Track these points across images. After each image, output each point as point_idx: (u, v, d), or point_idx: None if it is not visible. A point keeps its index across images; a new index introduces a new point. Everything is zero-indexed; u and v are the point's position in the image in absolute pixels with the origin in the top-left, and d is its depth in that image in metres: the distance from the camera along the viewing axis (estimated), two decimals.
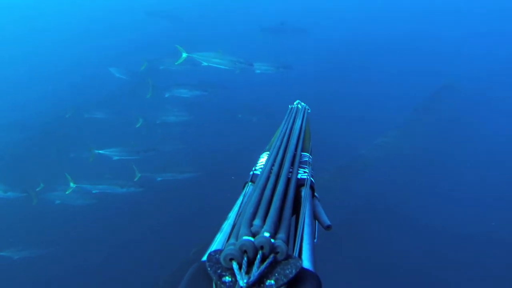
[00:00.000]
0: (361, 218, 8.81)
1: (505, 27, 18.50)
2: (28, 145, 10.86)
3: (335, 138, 9.90)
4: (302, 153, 1.67)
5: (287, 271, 0.82)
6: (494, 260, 8.57)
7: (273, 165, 1.41)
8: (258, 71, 10.18)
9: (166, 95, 10.35)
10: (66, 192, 8.01)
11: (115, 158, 8.90)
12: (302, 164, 1.55)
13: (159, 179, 8.81)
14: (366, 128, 10.99)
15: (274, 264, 0.85)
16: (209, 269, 0.85)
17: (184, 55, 8.66)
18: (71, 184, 7.96)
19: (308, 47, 15.28)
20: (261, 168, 1.49)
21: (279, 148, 1.59)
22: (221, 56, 8.92)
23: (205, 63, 8.81)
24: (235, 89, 11.53)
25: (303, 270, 0.85)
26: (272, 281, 0.81)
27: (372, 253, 8.23)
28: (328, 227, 1.32)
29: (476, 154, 11.28)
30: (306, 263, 0.92)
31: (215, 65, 8.90)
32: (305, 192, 1.33)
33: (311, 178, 1.45)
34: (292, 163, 1.48)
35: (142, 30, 17.37)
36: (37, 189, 8.48)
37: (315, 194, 1.45)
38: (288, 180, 1.32)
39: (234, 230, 0.99)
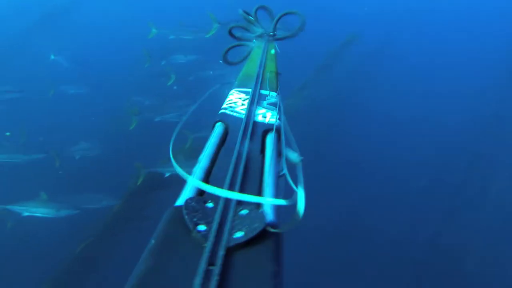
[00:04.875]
0: None
1: None
2: None
3: None
4: (271, 92, 1.63)
5: (255, 225, 0.85)
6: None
7: (241, 105, 1.40)
8: None
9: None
10: None
11: None
12: (270, 104, 1.51)
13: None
14: None
15: (243, 217, 0.89)
16: (186, 217, 0.87)
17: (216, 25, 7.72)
18: None
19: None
20: (230, 106, 1.46)
21: (246, 86, 1.56)
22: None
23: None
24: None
25: (272, 231, 0.87)
26: (243, 233, 0.83)
27: None
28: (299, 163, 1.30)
29: (381, 102, 11.66)
30: (270, 217, 0.91)
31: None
32: (269, 139, 1.29)
33: (279, 121, 1.40)
34: (258, 104, 1.46)
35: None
36: None
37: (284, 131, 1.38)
38: (256, 125, 1.30)
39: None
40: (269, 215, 0.91)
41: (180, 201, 0.99)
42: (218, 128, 1.35)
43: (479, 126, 11.11)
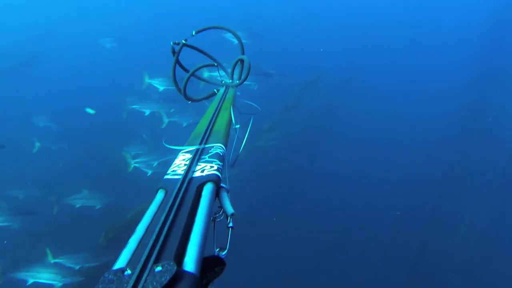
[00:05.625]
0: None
1: (362, 20, 19.74)
2: None
3: None
4: (215, 144, 1.63)
5: (163, 279, 0.88)
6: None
7: (183, 166, 1.41)
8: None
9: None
10: None
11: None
12: (211, 158, 1.52)
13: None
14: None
15: (156, 274, 0.91)
16: None
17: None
18: None
19: None
20: (173, 171, 1.47)
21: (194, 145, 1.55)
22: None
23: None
24: None
25: (180, 273, 0.91)
26: None
27: None
28: (232, 215, 1.36)
29: (350, 135, 12.01)
30: (190, 265, 0.97)
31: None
32: (205, 190, 1.33)
33: (217, 173, 1.43)
34: (199, 159, 1.47)
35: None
36: None
37: (222, 185, 1.43)
38: (192, 182, 1.34)
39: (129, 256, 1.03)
40: (189, 264, 0.97)
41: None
42: (159, 195, 1.36)
43: (446, 150, 11.40)
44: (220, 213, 1.38)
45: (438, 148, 11.42)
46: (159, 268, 0.93)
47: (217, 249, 1.24)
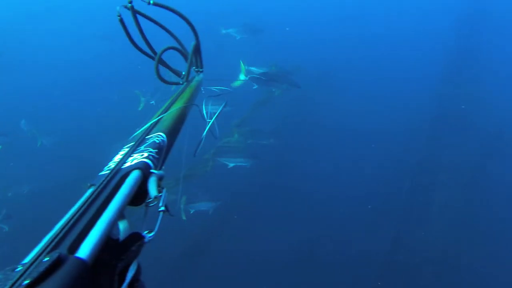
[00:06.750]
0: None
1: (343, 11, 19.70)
2: None
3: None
4: (155, 133, 1.56)
5: (41, 268, 0.85)
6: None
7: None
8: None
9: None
10: None
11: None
12: (147, 147, 1.45)
13: (231, 165, 8.14)
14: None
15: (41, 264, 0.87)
16: None
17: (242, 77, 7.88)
18: None
19: None
20: (108, 166, 1.38)
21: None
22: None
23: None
24: None
25: (64, 259, 0.88)
26: (28, 280, 0.82)
27: None
28: (155, 198, 1.29)
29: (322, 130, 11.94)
30: (82, 251, 0.94)
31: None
32: (129, 179, 1.26)
33: (146, 160, 1.35)
34: (135, 150, 1.40)
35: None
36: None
37: (152, 171, 1.35)
38: (118, 173, 1.29)
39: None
40: (82, 250, 0.95)
41: None
42: (88, 191, 1.29)
43: (419, 141, 11.44)
44: (152, 198, 1.33)
45: (410, 139, 11.45)
46: (46, 258, 0.90)
47: (146, 232, 1.19)
